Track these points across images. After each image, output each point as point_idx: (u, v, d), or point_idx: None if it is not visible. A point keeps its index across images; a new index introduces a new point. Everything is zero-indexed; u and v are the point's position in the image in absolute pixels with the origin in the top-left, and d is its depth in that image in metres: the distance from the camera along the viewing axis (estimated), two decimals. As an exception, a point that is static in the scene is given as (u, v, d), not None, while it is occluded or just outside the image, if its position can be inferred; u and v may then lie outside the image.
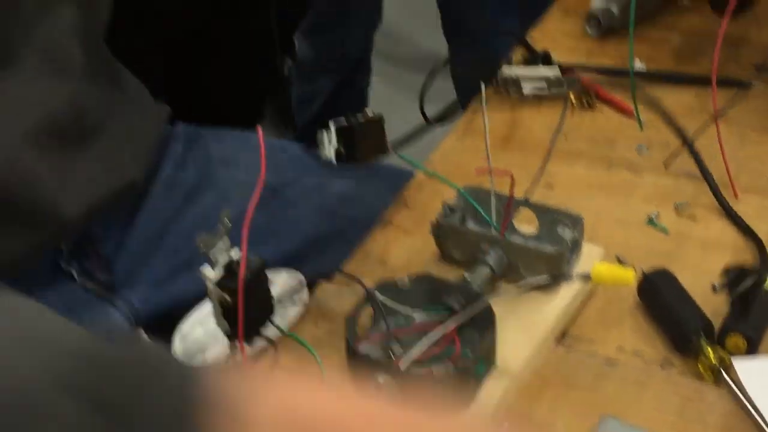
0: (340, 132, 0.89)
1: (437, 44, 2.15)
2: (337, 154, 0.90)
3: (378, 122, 0.90)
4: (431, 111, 1.16)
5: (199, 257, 0.82)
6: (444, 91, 1.75)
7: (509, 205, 0.87)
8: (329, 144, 0.89)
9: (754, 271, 0.88)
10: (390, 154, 0.97)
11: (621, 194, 1.05)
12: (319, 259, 1.20)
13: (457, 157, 1.11)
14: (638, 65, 1.21)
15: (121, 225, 1.16)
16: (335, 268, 0.97)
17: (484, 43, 1.67)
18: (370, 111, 0.91)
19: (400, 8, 2.75)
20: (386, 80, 1.23)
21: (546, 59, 1.18)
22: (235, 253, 0.80)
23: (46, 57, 0.97)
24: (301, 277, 0.94)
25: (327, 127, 0.90)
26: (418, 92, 1.27)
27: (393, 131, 1.20)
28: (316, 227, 1.21)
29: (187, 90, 1.70)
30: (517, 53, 1.25)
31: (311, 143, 1.52)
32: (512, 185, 0.86)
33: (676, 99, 1.14)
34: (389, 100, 1.99)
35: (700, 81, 1.17)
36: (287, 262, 1.19)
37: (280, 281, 0.90)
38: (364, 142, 0.89)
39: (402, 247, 1.00)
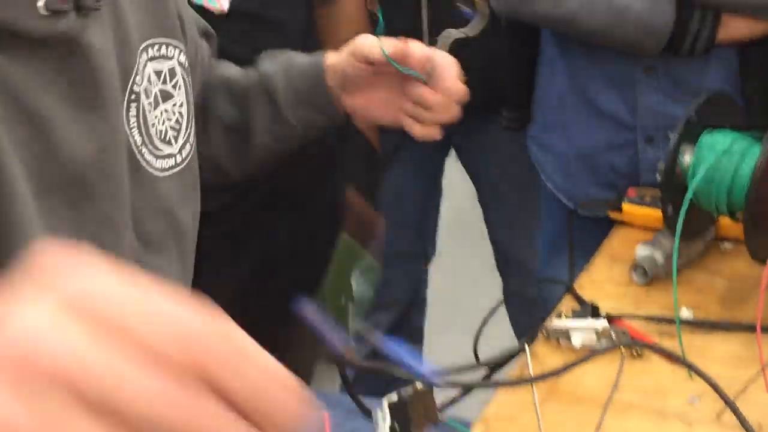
0: (392, 408, 0.92)
1: (494, 284, 2.20)
2: (392, 430, 0.93)
3: (428, 394, 0.93)
4: (486, 352, 1.19)
5: None
6: (501, 331, 1.80)
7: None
8: (383, 422, 0.93)
9: None
10: (442, 422, 0.99)
11: (675, 448, 1.06)
12: None
13: (511, 411, 1.13)
14: (685, 313, 1.24)
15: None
16: None
17: (534, 284, 1.71)
18: (419, 383, 0.94)
19: (454, 243, 2.83)
20: (443, 319, 1.27)
21: (594, 311, 1.21)
22: None
23: None
24: None
25: (379, 401, 0.94)
26: (474, 331, 1.31)
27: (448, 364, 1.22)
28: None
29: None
30: (566, 303, 1.29)
31: (367, 383, 1.55)
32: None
33: (724, 347, 1.16)
34: (445, 338, 2.03)
35: (747, 328, 1.19)
36: None
37: None
38: (416, 415, 0.92)
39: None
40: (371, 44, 1.09)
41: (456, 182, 2.36)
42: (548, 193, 1.70)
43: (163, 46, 1.03)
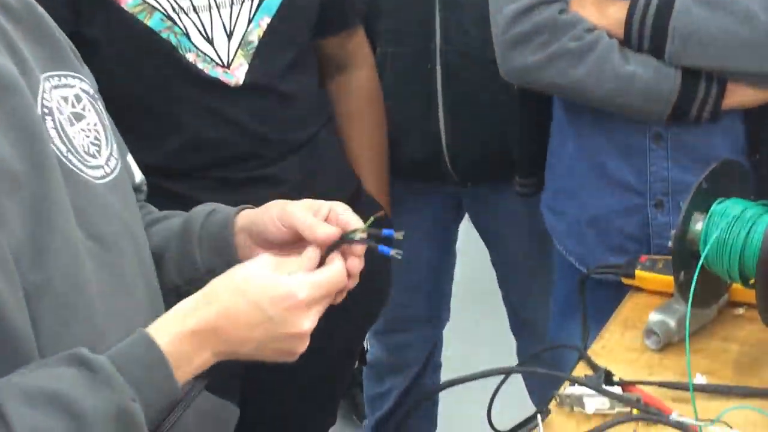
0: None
1: (508, 348, 2.20)
2: None
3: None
4: (502, 415, 1.19)
5: None
6: (517, 393, 1.79)
7: None
8: None
9: None
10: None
11: None
12: None
13: (525, 479, 1.13)
14: (699, 379, 1.23)
15: None
16: None
17: (548, 346, 1.71)
18: None
19: (468, 307, 2.83)
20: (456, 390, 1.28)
21: (608, 377, 1.21)
22: None
23: None
24: None
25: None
26: (488, 395, 1.31)
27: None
28: None
29: (266, 396, 1.74)
30: (579, 368, 1.29)
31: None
32: None
33: (738, 413, 1.16)
34: (459, 403, 2.03)
35: (761, 394, 1.19)
36: None
37: None
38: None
39: None
40: (311, 225, 1.14)
41: (470, 245, 2.36)
42: (561, 257, 1.70)
43: (62, 77, 1.09)
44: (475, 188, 1.96)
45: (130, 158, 1.23)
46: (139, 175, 1.25)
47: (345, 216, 1.15)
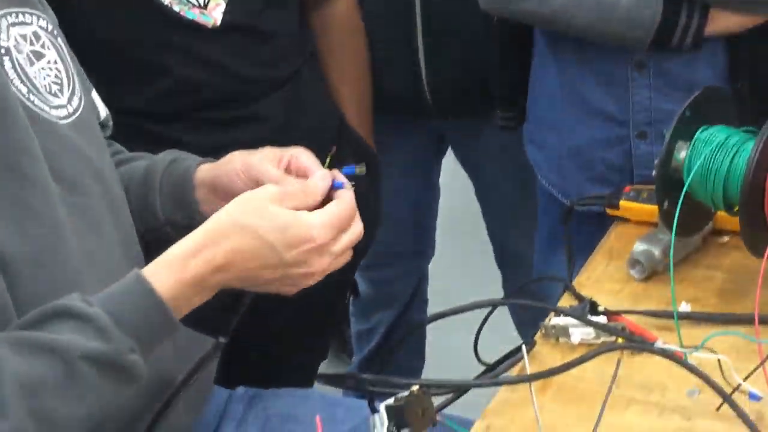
0: (389, 412, 0.93)
1: (494, 281, 2.21)
2: (390, 434, 0.93)
3: (425, 396, 0.94)
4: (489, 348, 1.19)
5: None
6: (504, 327, 1.80)
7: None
8: (381, 425, 0.93)
9: None
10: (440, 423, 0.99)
11: (675, 442, 1.06)
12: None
13: (512, 410, 1.13)
14: (683, 307, 1.24)
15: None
16: None
17: (533, 279, 1.71)
18: (415, 387, 0.94)
19: (453, 241, 2.84)
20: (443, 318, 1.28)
21: (593, 307, 1.21)
22: None
23: None
24: None
25: (378, 408, 0.94)
26: (475, 329, 1.32)
27: (449, 366, 1.24)
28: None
29: (256, 332, 1.75)
30: (565, 299, 1.29)
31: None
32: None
33: (723, 340, 1.16)
34: (446, 337, 2.04)
35: (744, 321, 1.19)
36: None
37: None
38: (414, 416, 0.93)
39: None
40: (270, 177, 1.14)
41: (455, 180, 2.36)
42: (544, 190, 1.70)
43: (20, 14, 1.07)
44: (457, 122, 1.95)
45: (94, 94, 1.21)
46: (104, 111, 1.23)
47: (306, 162, 1.14)
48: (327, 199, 1.10)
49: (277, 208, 1.04)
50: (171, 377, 1.10)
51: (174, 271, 1.00)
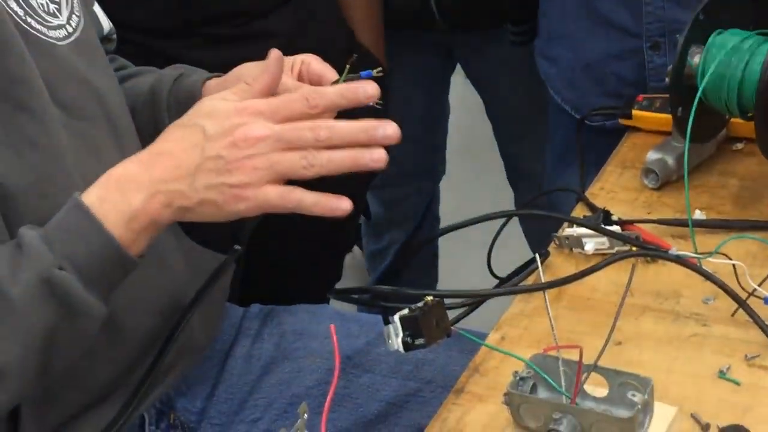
0: (404, 322, 0.92)
1: (506, 199, 2.20)
2: (405, 344, 0.93)
3: (439, 306, 0.94)
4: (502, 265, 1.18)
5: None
6: (516, 245, 1.79)
7: (578, 374, 0.89)
8: (396, 336, 0.93)
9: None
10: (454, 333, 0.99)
11: (690, 348, 1.06)
12: (396, 421, 1.22)
13: (527, 320, 1.13)
14: (698, 214, 1.23)
15: (203, 397, 1.21)
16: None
17: (546, 195, 1.70)
18: (429, 297, 0.94)
19: (465, 161, 2.83)
20: (456, 236, 1.27)
21: (606, 217, 1.20)
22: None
23: None
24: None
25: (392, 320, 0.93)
26: (487, 247, 1.31)
27: (462, 284, 1.24)
28: (392, 391, 1.23)
29: (266, 258, 1.75)
30: (578, 210, 1.28)
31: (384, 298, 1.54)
32: (581, 356, 0.88)
33: (738, 246, 1.15)
34: (459, 255, 2.04)
35: (760, 227, 1.18)
36: (365, 426, 1.22)
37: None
38: (428, 327, 0.92)
39: (477, 415, 1.02)
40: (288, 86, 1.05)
41: (465, 101, 2.34)
42: (556, 105, 1.68)
43: None
44: (465, 36, 1.93)
45: (96, 8, 1.18)
46: (107, 24, 1.20)
47: (318, 68, 1.11)
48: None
49: (214, 99, 0.97)
50: (185, 296, 1.09)
51: (101, 179, 0.94)
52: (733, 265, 1.09)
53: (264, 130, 0.92)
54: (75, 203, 0.92)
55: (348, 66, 1.07)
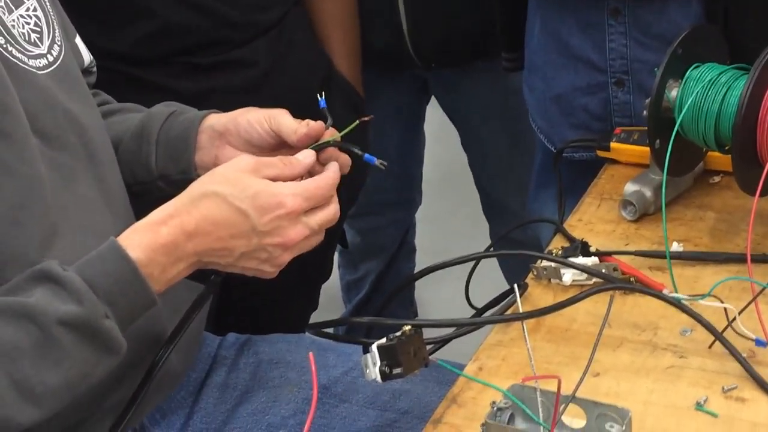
0: (381, 351, 0.92)
1: (482, 231, 2.20)
2: (382, 374, 0.92)
3: (418, 336, 0.94)
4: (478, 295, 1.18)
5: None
6: (492, 277, 1.79)
7: (556, 404, 0.88)
8: (374, 365, 0.93)
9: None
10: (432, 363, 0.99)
11: (667, 380, 1.06)
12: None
13: (505, 351, 1.13)
14: (675, 247, 1.23)
15: (178, 426, 1.21)
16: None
17: (521, 227, 1.71)
18: (407, 327, 0.94)
19: (441, 192, 2.83)
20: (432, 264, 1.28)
21: (584, 248, 1.21)
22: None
23: None
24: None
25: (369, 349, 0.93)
26: (464, 278, 1.31)
27: (440, 314, 1.24)
28: (369, 421, 1.23)
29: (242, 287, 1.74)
30: (556, 242, 1.29)
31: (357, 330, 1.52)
32: (559, 387, 0.88)
33: (715, 279, 1.15)
34: (435, 287, 2.03)
35: (736, 259, 1.19)
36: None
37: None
38: (407, 357, 0.92)
39: (454, 446, 1.01)
40: (289, 126, 1.14)
41: (442, 131, 2.34)
42: (536, 133, 1.69)
43: None
44: (439, 70, 1.94)
45: (78, 40, 1.18)
46: (88, 57, 1.20)
47: (288, 124, 1.14)
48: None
49: (249, 177, 1.03)
50: (163, 330, 1.10)
51: (146, 236, 0.99)
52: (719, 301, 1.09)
53: (305, 231, 1.05)
54: (121, 255, 0.97)
55: (356, 123, 1.13)
